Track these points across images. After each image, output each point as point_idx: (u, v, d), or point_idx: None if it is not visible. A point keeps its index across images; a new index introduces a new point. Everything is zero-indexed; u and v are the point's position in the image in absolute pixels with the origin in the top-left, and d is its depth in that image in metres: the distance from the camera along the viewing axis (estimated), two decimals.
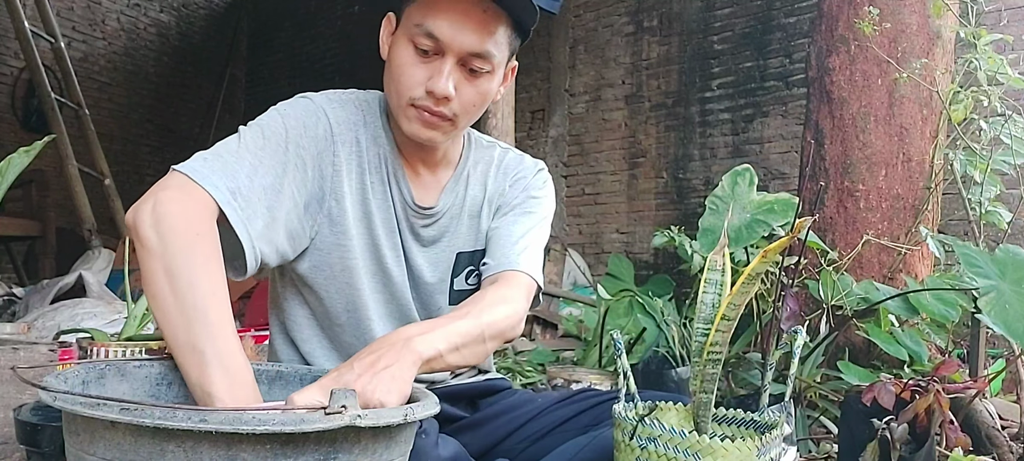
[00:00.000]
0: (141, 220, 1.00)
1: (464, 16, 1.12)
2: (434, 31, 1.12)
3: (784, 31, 5.13)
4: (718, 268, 1.07)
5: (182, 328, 0.94)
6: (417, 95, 1.16)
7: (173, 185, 1.05)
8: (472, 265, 1.33)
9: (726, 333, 1.01)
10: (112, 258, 4.68)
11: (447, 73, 1.14)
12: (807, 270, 2.79)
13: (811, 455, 2.32)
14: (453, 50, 1.14)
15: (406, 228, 1.29)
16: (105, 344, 1.41)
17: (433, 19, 1.12)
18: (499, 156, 1.40)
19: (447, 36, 1.13)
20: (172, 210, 1.01)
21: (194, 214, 1.02)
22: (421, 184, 1.29)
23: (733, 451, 0.97)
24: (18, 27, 5.53)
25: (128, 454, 0.73)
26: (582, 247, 5.98)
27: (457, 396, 1.36)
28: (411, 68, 1.15)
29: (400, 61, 1.16)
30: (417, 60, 1.15)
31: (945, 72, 2.99)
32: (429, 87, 1.15)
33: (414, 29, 1.14)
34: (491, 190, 1.36)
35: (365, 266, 1.26)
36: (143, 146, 7.92)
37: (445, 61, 1.14)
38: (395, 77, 1.18)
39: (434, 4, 1.12)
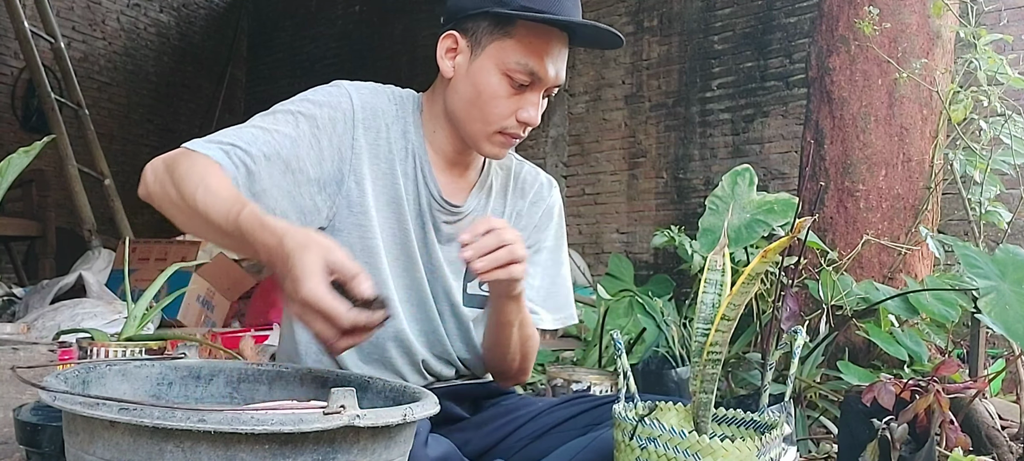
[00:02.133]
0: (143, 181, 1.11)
1: (558, 55, 1.24)
2: (537, 71, 1.22)
3: (784, 31, 5.13)
4: (718, 268, 1.07)
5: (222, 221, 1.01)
6: (507, 123, 1.24)
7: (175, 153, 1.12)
8: None
9: (726, 333, 1.01)
10: (112, 258, 4.68)
11: (538, 105, 1.25)
12: (807, 270, 2.79)
13: (811, 455, 2.32)
14: (547, 85, 1.24)
15: (429, 221, 1.32)
16: (105, 344, 1.41)
17: (536, 59, 1.21)
18: (516, 169, 1.45)
19: (548, 75, 1.23)
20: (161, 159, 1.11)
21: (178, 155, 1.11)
22: (448, 182, 1.33)
23: (733, 451, 0.97)
24: (18, 27, 5.53)
25: (127, 454, 0.73)
26: (582, 247, 5.98)
27: (461, 396, 1.37)
28: (505, 100, 1.23)
29: (492, 92, 1.23)
30: (511, 92, 1.23)
31: (945, 72, 2.99)
32: (522, 118, 1.24)
33: (513, 65, 1.21)
34: (510, 207, 1.42)
35: (388, 250, 1.28)
36: (143, 146, 7.92)
37: (536, 93, 1.24)
38: (485, 106, 1.24)
39: (534, 45, 1.21)
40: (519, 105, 1.23)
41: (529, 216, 1.44)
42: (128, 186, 7.48)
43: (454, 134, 1.30)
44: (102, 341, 1.44)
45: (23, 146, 1.43)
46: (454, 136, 1.31)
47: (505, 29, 1.21)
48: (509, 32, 1.21)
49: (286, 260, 0.91)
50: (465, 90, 1.25)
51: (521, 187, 1.44)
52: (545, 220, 1.45)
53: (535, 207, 1.44)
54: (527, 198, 1.44)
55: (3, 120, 6.79)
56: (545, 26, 1.21)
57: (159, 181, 1.09)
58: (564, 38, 1.25)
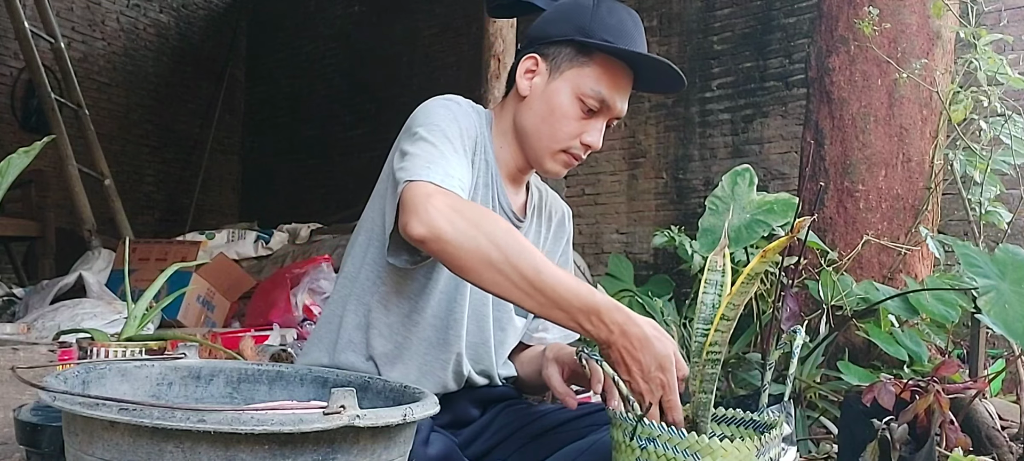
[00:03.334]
0: (431, 219, 1.09)
1: (626, 88, 1.34)
2: (609, 101, 1.31)
3: (784, 31, 5.13)
4: (718, 269, 1.07)
5: (542, 272, 1.08)
6: (572, 144, 1.32)
7: (428, 189, 1.12)
8: None
9: (726, 333, 1.01)
10: (112, 258, 4.67)
11: (601, 130, 1.34)
12: (807, 270, 2.79)
13: (811, 455, 2.32)
14: (613, 114, 1.33)
15: None
16: (105, 344, 1.41)
17: (610, 90, 1.30)
18: (543, 190, 1.55)
19: (616, 105, 1.32)
20: (444, 203, 1.10)
21: (459, 200, 1.13)
22: (512, 198, 1.41)
23: (733, 451, 0.97)
24: (18, 27, 5.52)
25: (127, 454, 0.73)
26: (582, 247, 5.98)
27: (477, 399, 1.41)
28: (575, 123, 1.32)
29: (564, 113, 1.31)
30: (581, 116, 1.31)
31: (945, 72, 2.99)
32: (587, 141, 1.32)
33: (588, 91, 1.30)
34: (544, 229, 1.51)
35: None
36: (142, 146, 7.92)
37: (602, 120, 1.33)
38: (555, 124, 1.32)
39: (609, 75, 1.30)
40: (585, 128, 1.32)
41: (556, 241, 1.54)
42: (127, 186, 7.47)
43: (519, 151, 1.38)
44: (102, 341, 1.43)
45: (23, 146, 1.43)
46: (519, 153, 1.38)
47: (584, 58, 1.31)
48: (587, 62, 1.30)
49: (657, 329, 1.08)
50: (539, 108, 1.33)
51: (549, 212, 1.53)
52: (565, 247, 1.57)
53: (560, 231, 1.55)
54: (552, 224, 1.53)
55: (3, 120, 6.79)
56: (618, 61, 1.31)
57: (462, 232, 1.09)
58: (631, 75, 1.33)
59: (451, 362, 1.32)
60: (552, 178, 1.40)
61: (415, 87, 7.10)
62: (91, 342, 1.43)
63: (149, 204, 7.89)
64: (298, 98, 8.39)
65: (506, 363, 1.48)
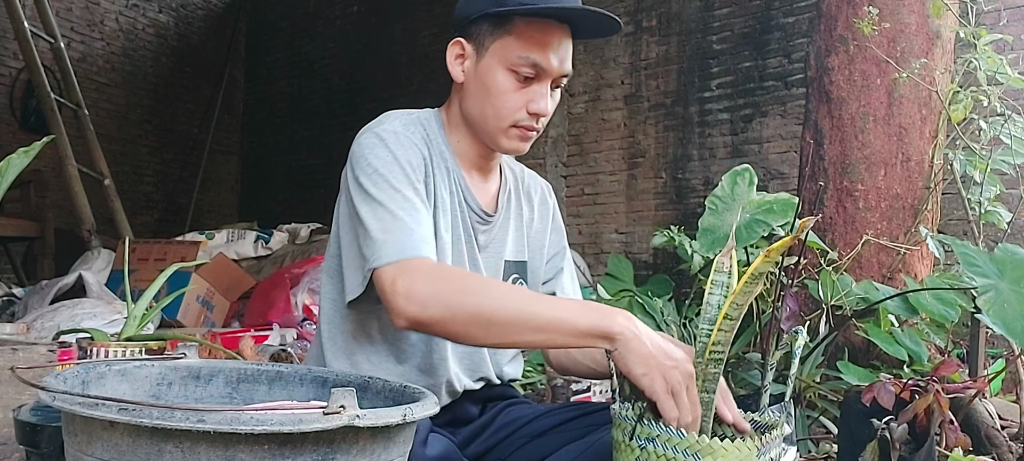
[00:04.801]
0: (416, 310, 1.11)
1: (560, 46, 1.28)
2: (540, 62, 1.27)
3: (783, 31, 5.13)
4: (725, 270, 1.07)
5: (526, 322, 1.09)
6: (520, 118, 1.30)
7: (397, 274, 1.14)
8: (517, 274, 1.44)
9: (729, 333, 1.01)
10: (112, 258, 4.67)
11: (548, 95, 1.30)
12: (807, 270, 2.79)
13: (811, 455, 2.32)
14: (552, 75, 1.29)
15: (471, 234, 1.37)
16: (105, 344, 1.41)
17: (537, 51, 1.26)
18: (519, 171, 1.53)
19: (552, 65, 1.28)
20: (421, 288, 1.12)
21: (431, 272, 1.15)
22: (479, 192, 1.39)
23: (733, 451, 0.97)
24: (17, 27, 5.52)
25: (126, 454, 0.73)
26: (581, 247, 5.98)
27: (476, 397, 1.41)
28: (514, 95, 1.29)
29: (500, 88, 1.29)
30: (517, 87, 1.28)
31: (945, 72, 2.99)
32: (533, 110, 1.29)
33: (516, 60, 1.27)
34: (526, 212, 1.49)
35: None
36: (142, 146, 7.91)
37: (543, 84, 1.29)
38: (496, 103, 1.30)
39: (534, 38, 1.26)
40: (529, 97, 1.29)
41: (542, 219, 1.52)
42: (127, 186, 7.45)
43: (474, 138, 1.36)
44: (102, 341, 1.43)
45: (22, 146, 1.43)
46: (475, 140, 1.36)
47: (504, 27, 1.27)
48: (508, 30, 1.27)
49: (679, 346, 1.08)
50: (476, 91, 1.31)
51: (528, 192, 1.51)
52: (556, 222, 1.55)
53: (544, 207, 1.53)
54: (534, 202, 1.51)
55: (2, 120, 6.78)
56: (542, 19, 1.26)
57: (448, 308, 1.10)
58: (564, 29, 1.29)
59: (443, 386, 1.32)
60: (514, 154, 1.38)
61: (415, 87, 7.10)
62: (91, 342, 1.43)
63: (148, 204, 7.89)
64: (298, 98, 8.39)
65: (513, 361, 1.47)
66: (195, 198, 8.23)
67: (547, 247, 1.52)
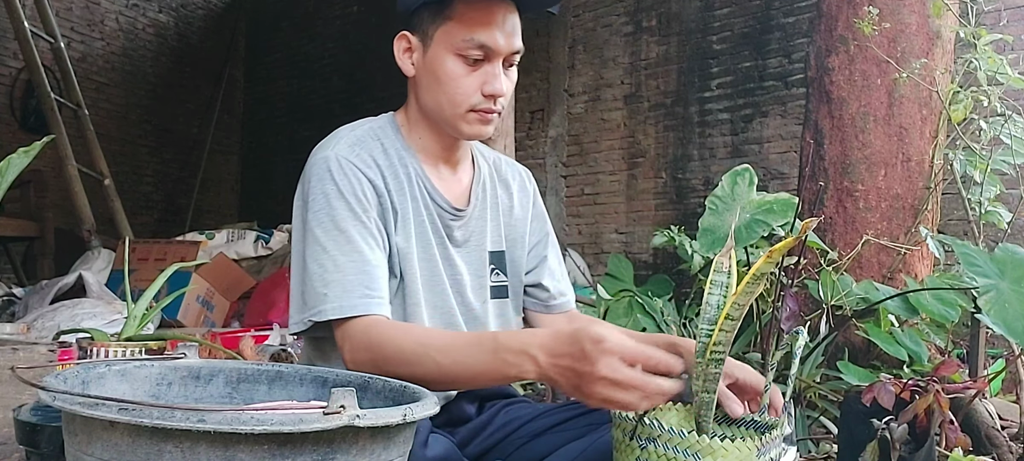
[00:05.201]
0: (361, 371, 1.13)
1: (503, 22, 1.26)
2: (486, 42, 1.24)
3: (783, 31, 5.13)
4: (724, 270, 1.07)
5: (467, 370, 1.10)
6: (475, 101, 1.27)
7: (341, 335, 1.18)
8: (494, 265, 1.43)
9: (730, 333, 1.01)
10: (112, 258, 4.68)
11: (501, 75, 1.27)
12: (807, 270, 2.78)
13: (811, 455, 2.32)
14: (502, 53, 1.26)
15: (443, 232, 1.36)
16: (105, 344, 1.41)
17: (482, 31, 1.24)
18: (494, 160, 1.51)
19: (498, 43, 1.25)
20: (360, 357, 1.16)
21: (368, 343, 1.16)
22: (449, 187, 1.37)
23: (733, 451, 0.97)
24: (17, 27, 5.52)
25: (126, 454, 0.73)
26: (581, 247, 5.98)
27: (472, 395, 1.40)
28: (466, 79, 1.27)
29: (452, 75, 1.27)
30: (468, 70, 1.26)
31: (945, 72, 2.99)
32: (487, 91, 1.26)
33: (462, 43, 1.25)
34: (503, 199, 1.47)
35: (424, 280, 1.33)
36: (141, 146, 7.91)
37: (494, 65, 1.27)
38: (449, 90, 1.27)
39: (476, 18, 1.24)
40: (483, 79, 1.26)
41: (522, 206, 1.50)
42: (126, 186, 7.44)
43: (436, 130, 1.34)
44: (102, 341, 1.43)
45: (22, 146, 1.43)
46: (437, 132, 1.35)
47: (445, 13, 1.26)
48: (450, 14, 1.25)
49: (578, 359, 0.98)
50: (429, 83, 1.30)
51: (504, 179, 1.49)
52: (537, 208, 1.53)
53: (524, 195, 1.51)
54: (512, 189, 1.49)
55: (2, 120, 6.78)
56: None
57: (386, 373, 1.10)
58: (507, 5, 1.27)
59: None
60: (478, 139, 1.35)
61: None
62: (91, 342, 1.43)
63: (148, 204, 7.89)
64: (297, 98, 8.39)
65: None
66: (195, 198, 8.23)
67: (528, 235, 1.49)
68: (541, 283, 1.49)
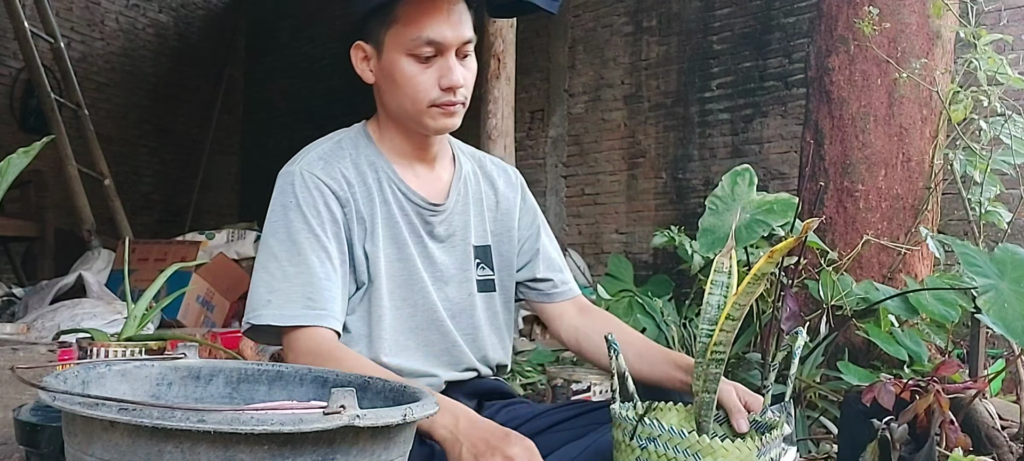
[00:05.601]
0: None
1: (449, 14, 1.27)
2: (434, 37, 1.26)
3: (783, 31, 5.13)
4: (725, 270, 1.07)
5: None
6: (435, 96, 1.29)
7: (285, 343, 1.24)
8: (480, 258, 1.44)
9: (730, 333, 1.01)
10: (112, 258, 4.67)
11: (456, 67, 1.28)
12: (807, 270, 2.78)
13: (811, 455, 2.32)
14: (452, 45, 1.27)
15: (422, 229, 1.37)
16: (105, 344, 1.41)
17: (428, 28, 1.26)
18: (479, 158, 1.53)
19: (446, 36, 1.26)
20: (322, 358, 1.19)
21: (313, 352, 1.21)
22: (426, 185, 1.39)
23: (733, 451, 0.97)
24: (17, 27, 5.52)
25: (126, 455, 0.73)
26: (581, 247, 5.98)
27: (469, 391, 1.40)
28: (420, 77, 1.28)
29: (407, 75, 1.29)
30: (422, 68, 1.28)
31: (945, 72, 2.99)
32: (445, 84, 1.28)
33: (411, 43, 1.26)
34: (487, 194, 1.48)
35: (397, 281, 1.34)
36: (141, 147, 7.91)
37: (447, 58, 1.28)
38: (408, 91, 1.30)
39: (421, 16, 1.26)
40: (439, 74, 1.28)
41: (508, 202, 1.51)
42: (126, 186, 7.43)
43: (405, 131, 1.36)
44: (102, 341, 1.43)
45: (22, 147, 1.43)
46: (406, 132, 1.37)
47: (390, 16, 1.28)
48: (395, 17, 1.27)
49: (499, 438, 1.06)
50: (388, 87, 1.32)
51: (490, 177, 1.51)
52: (526, 203, 1.54)
53: (511, 191, 1.52)
54: (498, 185, 1.51)
55: (2, 121, 6.78)
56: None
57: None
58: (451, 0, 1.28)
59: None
60: (447, 132, 1.36)
61: None
62: (91, 342, 1.43)
63: (148, 204, 7.89)
64: (297, 98, 8.39)
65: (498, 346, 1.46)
66: (195, 198, 8.23)
67: (517, 229, 1.51)
68: (536, 276, 1.50)
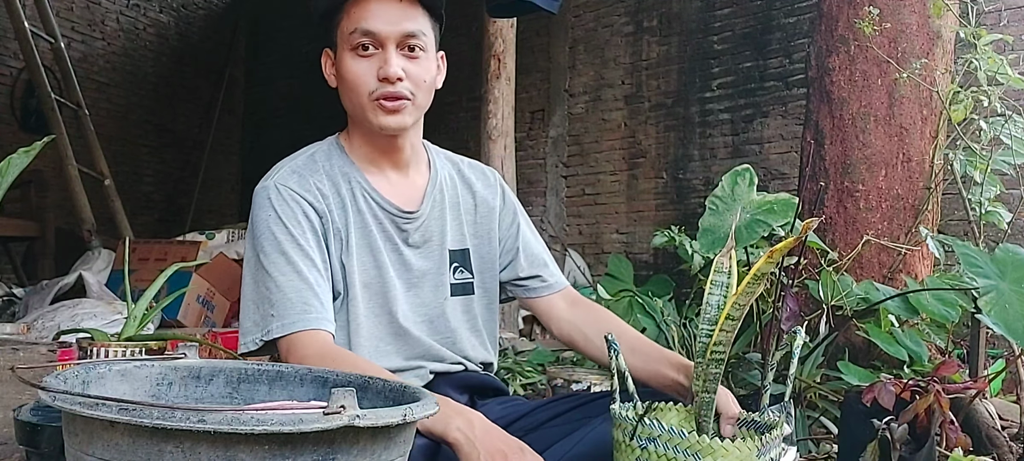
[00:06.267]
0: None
1: (388, 7, 1.28)
2: (368, 27, 1.27)
3: (784, 31, 5.13)
4: (724, 270, 1.07)
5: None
6: (373, 87, 1.29)
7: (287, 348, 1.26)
8: (457, 262, 1.45)
9: (730, 333, 1.01)
10: (112, 258, 4.68)
11: (392, 58, 1.28)
12: (807, 270, 2.78)
13: (811, 455, 2.32)
14: (390, 37, 1.28)
15: (396, 237, 1.38)
16: (105, 344, 1.41)
17: (364, 19, 1.27)
18: (456, 161, 1.54)
19: (380, 26, 1.27)
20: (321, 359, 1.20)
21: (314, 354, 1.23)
22: (399, 192, 1.39)
23: (733, 451, 0.97)
24: (18, 27, 5.52)
25: (126, 454, 0.73)
26: (582, 247, 5.98)
27: (462, 386, 1.41)
28: (358, 67, 1.29)
29: (350, 69, 1.30)
30: (361, 60, 1.29)
31: (945, 72, 2.99)
32: (380, 75, 1.28)
33: (349, 37, 1.29)
34: (464, 199, 1.49)
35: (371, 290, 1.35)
36: (142, 147, 7.91)
37: (387, 50, 1.28)
38: (349, 85, 1.31)
39: (361, 8, 1.28)
40: (376, 66, 1.29)
41: (486, 204, 1.51)
42: (127, 186, 7.43)
43: (368, 136, 1.36)
44: (102, 341, 1.43)
45: (23, 146, 1.43)
46: (370, 138, 1.36)
47: (338, 17, 1.31)
48: (341, 15, 1.31)
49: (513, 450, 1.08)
50: (340, 85, 1.34)
51: (467, 181, 1.51)
52: (506, 201, 1.55)
53: (490, 191, 1.53)
54: (476, 188, 1.51)
55: (2, 120, 6.78)
56: None
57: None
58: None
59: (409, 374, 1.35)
60: (396, 130, 1.34)
61: None
62: (91, 342, 1.43)
63: (148, 204, 7.89)
64: (298, 98, 8.39)
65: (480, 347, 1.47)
66: (195, 198, 8.23)
67: (497, 230, 1.51)
68: (520, 275, 1.51)
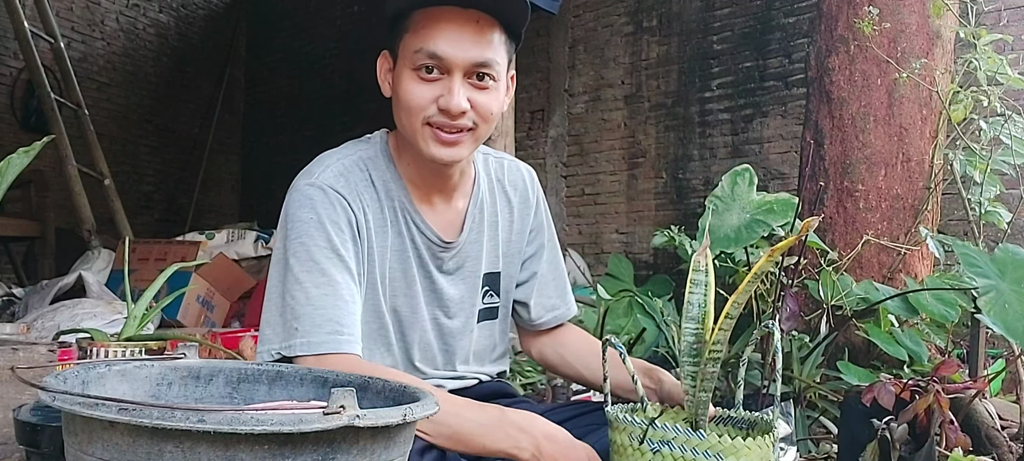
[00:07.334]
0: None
1: (461, 30, 1.16)
2: (436, 51, 1.16)
3: (784, 31, 5.12)
4: (702, 268, 1.07)
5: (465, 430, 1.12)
6: (430, 113, 1.19)
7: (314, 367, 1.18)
8: (488, 286, 1.40)
9: (727, 332, 1.01)
10: (112, 258, 4.67)
11: (457, 88, 1.17)
12: (807, 270, 2.78)
13: (811, 455, 2.32)
14: (458, 65, 1.17)
15: (431, 264, 1.32)
16: (105, 344, 1.41)
17: (433, 40, 1.16)
18: (497, 168, 1.44)
19: (450, 53, 1.16)
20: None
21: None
22: (442, 219, 1.32)
23: (755, 449, 0.97)
24: (18, 27, 5.52)
25: (126, 454, 0.73)
26: (582, 247, 5.98)
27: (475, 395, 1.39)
28: (419, 89, 1.18)
29: (407, 88, 1.19)
30: (423, 82, 1.18)
31: (945, 72, 2.99)
32: (442, 105, 1.18)
33: (415, 56, 1.17)
34: (503, 219, 1.41)
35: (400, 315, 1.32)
36: (142, 146, 7.91)
37: (453, 78, 1.17)
38: (405, 104, 1.20)
39: (430, 27, 1.16)
40: (438, 92, 1.18)
41: (522, 219, 1.45)
42: (127, 186, 7.42)
43: (419, 160, 1.26)
44: (102, 341, 1.43)
45: (23, 146, 1.43)
46: (419, 162, 1.27)
47: (405, 24, 1.19)
48: (408, 26, 1.19)
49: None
50: (395, 102, 1.23)
51: (506, 191, 1.44)
52: (538, 217, 1.47)
53: (525, 206, 1.45)
54: (514, 200, 1.44)
55: (2, 120, 6.77)
56: (435, 7, 1.17)
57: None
58: (469, 14, 1.17)
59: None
60: (448, 162, 1.23)
61: None
62: (91, 342, 1.43)
63: (148, 204, 7.89)
64: (298, 98, 8.39)
65: (496, 362, 1.46)
66: (195, 198, 8.23)
67: (524, 246, 1.45)
68: (528, 302, 1.47)
